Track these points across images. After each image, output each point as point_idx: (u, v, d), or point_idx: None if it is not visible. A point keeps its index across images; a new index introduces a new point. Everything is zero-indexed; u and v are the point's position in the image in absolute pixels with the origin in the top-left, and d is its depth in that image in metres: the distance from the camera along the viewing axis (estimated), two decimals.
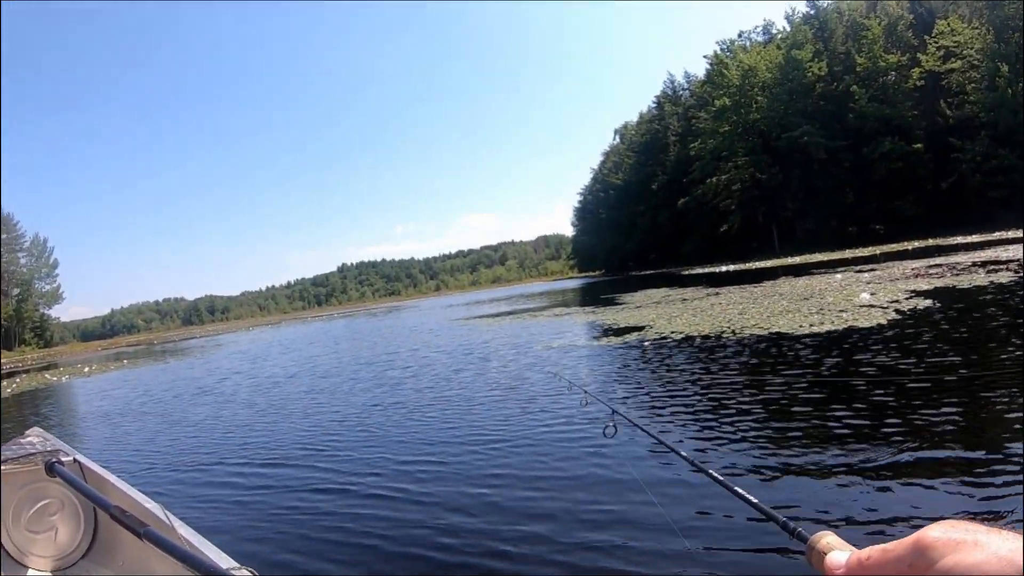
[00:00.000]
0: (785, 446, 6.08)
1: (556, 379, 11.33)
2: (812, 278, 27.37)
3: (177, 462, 9.74)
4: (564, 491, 5.88)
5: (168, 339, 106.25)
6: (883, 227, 70.59)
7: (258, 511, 6.83)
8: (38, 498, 4.13)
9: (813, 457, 5.57)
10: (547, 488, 6.05)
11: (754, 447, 6.22)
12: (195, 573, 2.17)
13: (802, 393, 7.92)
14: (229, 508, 7.09)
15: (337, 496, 7.02)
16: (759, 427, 6.82)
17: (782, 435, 6.42)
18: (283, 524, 6.29)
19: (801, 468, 5.44)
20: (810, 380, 8.42)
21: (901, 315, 12.87)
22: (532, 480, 6.44)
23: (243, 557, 2.91)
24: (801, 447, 5.94)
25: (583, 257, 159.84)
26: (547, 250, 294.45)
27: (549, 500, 5.70)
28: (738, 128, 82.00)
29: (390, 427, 10.15)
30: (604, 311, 25.78)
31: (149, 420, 14.37)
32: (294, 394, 15.76)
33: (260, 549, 5.67)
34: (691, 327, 15.73)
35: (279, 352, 31.04)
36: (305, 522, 6.27)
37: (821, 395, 7.72)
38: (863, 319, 12.75)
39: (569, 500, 5.58)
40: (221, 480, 8.38)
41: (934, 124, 70.57)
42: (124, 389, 23.76)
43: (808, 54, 76.25)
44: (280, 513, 6.66)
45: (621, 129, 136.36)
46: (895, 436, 5.91)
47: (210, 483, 8.27)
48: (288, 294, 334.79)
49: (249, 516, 6.70)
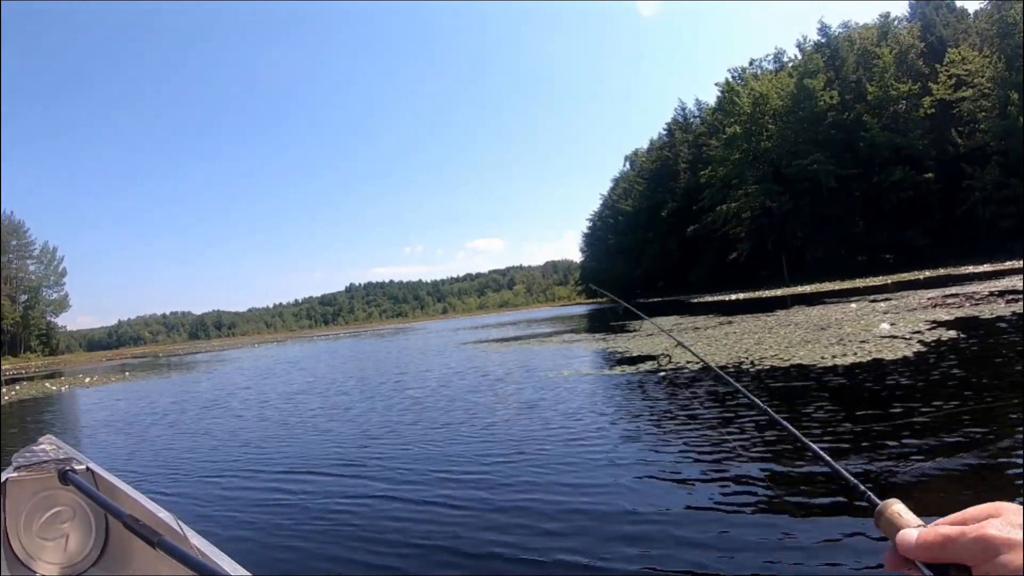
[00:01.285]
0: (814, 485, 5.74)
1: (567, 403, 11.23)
2: (826, 307, 27.00)
3: (183, 474, 9.65)
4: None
5: (173, 352, 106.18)
6: (893, 256, 70.27)
7: (270, 522, 6.76)
8: (50, 505, 4.15)
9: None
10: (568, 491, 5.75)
11: (778, 485, 5.91)
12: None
13: (831, 428, 7.50)
14: (241, 519, 7.01)
15: (350, 508, 6.98)
16: (786, 464, 6.50)
17: (808, 475, 6.08)
18: (295, 535, 6.24)
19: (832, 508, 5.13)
20: (839, 416, 7.99)
21: (926, 346, 12.44)
22: (551, 486, 6.44)
23: (256, 567, 3.03)
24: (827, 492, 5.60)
25: (591, 283, 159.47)
26: (555, 275, 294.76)
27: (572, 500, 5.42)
28: (749, 156, 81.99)
29: (404, 442, 10.16)
30: (615, 338, 25.36)
31: (149, 432, 14.14)
32: (304, 410, 15.72)
33: (273, 560, 5.61)
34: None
35: (285, 370, 30.68)
36: (317, 533, 6.23)
37: (852, 432, 7.30)
38: (887, 351, 12.31)
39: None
40: (231, 492, 8.31)
41: (945, 153, 70.55)
42: (124, 402, 23.51)
43: (820, 83, 76.31)
44: (293, 524, 6.60)
45: (631, 156, 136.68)
46: (940, 479, 5.58)
47: (220, 495, 8.19)
48: (295, 312, 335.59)
49: (261, 527, 6.63)
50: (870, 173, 73.38)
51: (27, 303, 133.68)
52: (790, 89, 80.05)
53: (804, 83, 77.56)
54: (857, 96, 76.97)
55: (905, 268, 59.54)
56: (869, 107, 75.30)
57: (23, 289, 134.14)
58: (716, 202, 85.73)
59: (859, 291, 37.98)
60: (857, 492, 1.29)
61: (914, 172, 70.65)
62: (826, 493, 5.35)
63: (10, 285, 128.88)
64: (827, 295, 38.66)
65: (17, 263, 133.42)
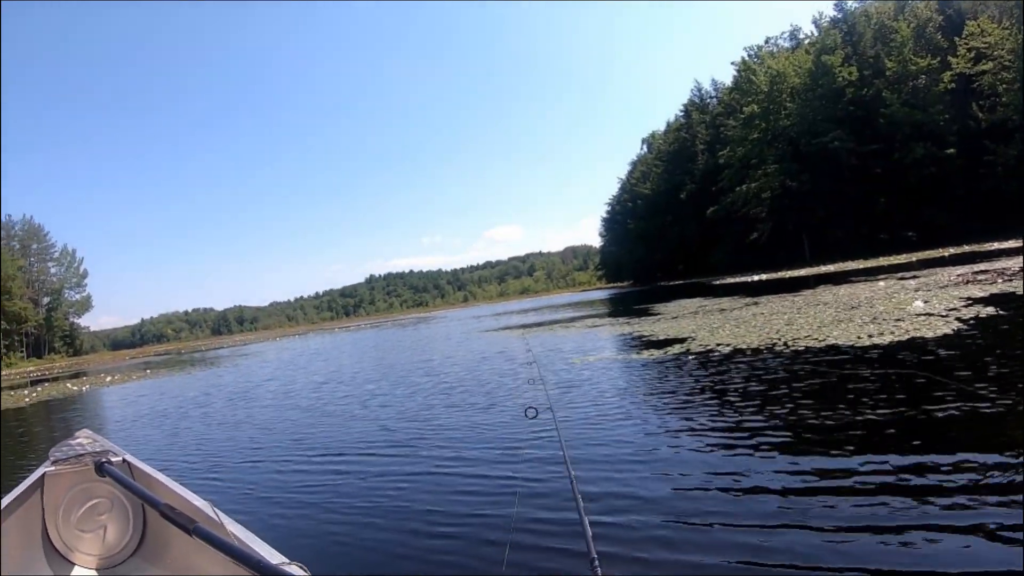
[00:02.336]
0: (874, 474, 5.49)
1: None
2: (853, 286, 26.65)
3: (215, 464, 9.69)
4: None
5: (196, 348, 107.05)
6: (916, 234, 69.44)
7: (306, 509, 6.77)
8: (88, 498, 4.29)
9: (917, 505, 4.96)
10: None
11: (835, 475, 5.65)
12: (245, 568, 2.20)
13: (877, 415, 7.18)
14: (275, 505, 7.03)
15: (384, 491, 7.05)
16: (839, 452, 6.23)
17: (867, 464, 5.81)
18: (331, 521, 6.24)
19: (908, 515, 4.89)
20: (886, 400, 7.70)
21: (965, 324, 12.11)
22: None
23: (292, 553, 2.89)
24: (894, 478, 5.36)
25: (611, 268, 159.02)
26: (575, 261, 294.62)
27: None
28: (767, 135, 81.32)
29: (437, 429, 10.07)
30: (639, 322, 25.12)
31: (177, 426, 14.07)
32: (333, 398, 15.81)
33: (309, 545, 5.60)
34: (737, 339, 15.03)
35: (308, 361, 30.67)
36: (353, 518, 6.23)
37: (900, 417, 7.05)
38: (925, 329, 12.00)
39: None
40: (265, 479, 8.37)
41: (966, 128, 69.60)
42: (147, 398, 23.61)
43: (838, 59, 75.55)
44: (326, 509, 6.62)
45: (648, 138, 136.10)
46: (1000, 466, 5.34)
47: (253, 482, 8.23)
48: (316, 305, 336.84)
49: (297, 513, 6.64)
50: (891, 150, 72.56)
51: (49, 305, 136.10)
52: (807, 66, 79.32)
53: (822, 60, 76.82)
54: (875, 72, 76.15)
55: (928, 246, 58.89)
56: (888, 83, 74.46)
57: (45, 291, 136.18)
58: (735, 183, 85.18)
59: (884, 269, 37.51)
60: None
61: (935, 148, 69.66)
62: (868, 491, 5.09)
63: (32, 288, 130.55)
64: (852, 274, 38.27)
65: (38, 266, 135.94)
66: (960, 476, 4.95)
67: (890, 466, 5.36)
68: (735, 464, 6.18)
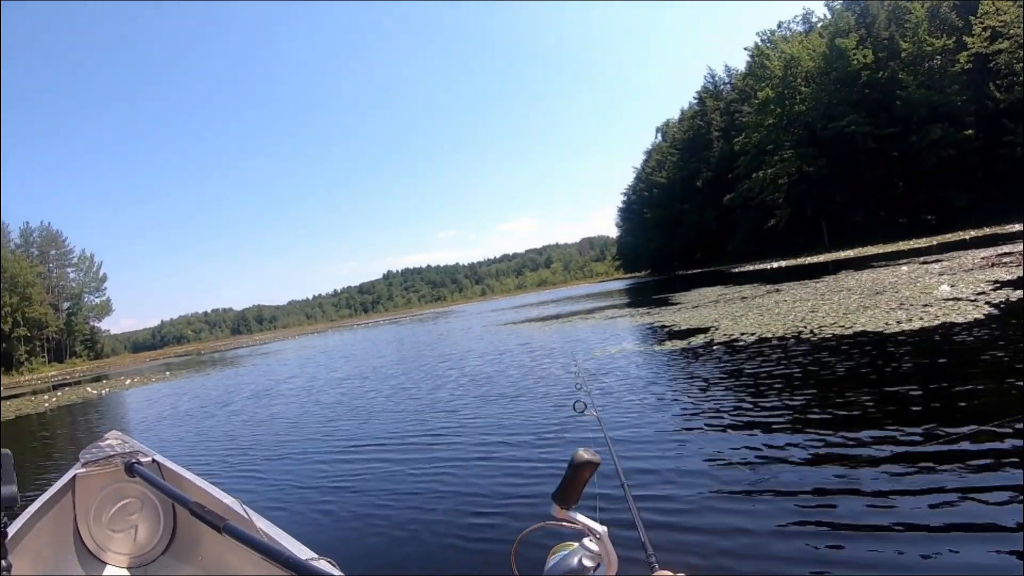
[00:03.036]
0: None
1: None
2: (875, 271, 26.42)
3: (239, 464, 9.82)
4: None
5: (216, 348, 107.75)
6: (935, 217, 68.76)
7: (334, 505, 6.83)
8: (119, 498, 4.35)
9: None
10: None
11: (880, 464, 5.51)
12: (275, 564, 2.19)
13: (910, 402, 7.07)
14: (304, 502, 7.12)
15: (413, 485, 7.16)
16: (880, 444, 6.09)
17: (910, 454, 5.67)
18: (360, 516, 6.33)
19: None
20: (921, 387, 7.55)
21: (995, 308, 11.96)
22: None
23: (321, 549, 2.93)
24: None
25: (628, 258, 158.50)
26: (592, 252, 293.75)
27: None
28: (783, 120, 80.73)
29: (465, 423, 10.15)
30: (659, 312, 25.01)
31: (200, 426, 14.18)
32: (357, 394, 16.03)
33: (338, 540, 5.70)
34: (761, 327, 14.91)
35: (329, 359, 30.65)
36: (381, 513, 6.30)
37: (940, 404, 6.95)
38: (954, 314, 11.84)
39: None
40: (291, 476, 8.47)
41: (984, 108, 68.65)
42: (167, 398, 23.87)
43: (852, 42, 74.81)
44: (356, 504, 6.72)
45: (663, 127, 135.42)
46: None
47: (280, 480, 8.33)
48: (335, 302, 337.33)
49: (325, 508, 6.74)
50: (908, 132, 71.67)
51: (70, 310, 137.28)
52: (821, 50, 78.58)
53: (836, 43, 75.98)
54: (890, 54, 75.23)
55: (948, 229, 58.28)
56: (903, 64, 73.49)
57: (65, 297, 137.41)
58: (751, 169, 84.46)
59: (904, 254, 37.22)
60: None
61: (953, 129, 68.68)
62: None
63: (52, 294, 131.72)
64: (872, 259, 37.99)
65: (57, 272, 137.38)
66: (989, 462, 4.82)
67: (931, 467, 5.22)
68: (773, 450, 6.09)
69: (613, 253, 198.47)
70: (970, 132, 68.04)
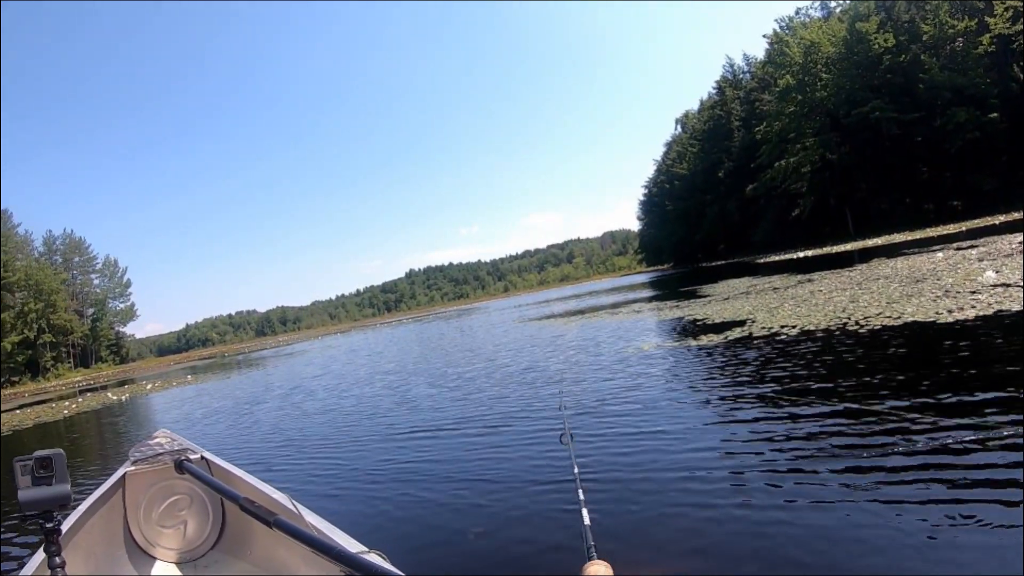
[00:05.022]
0: None
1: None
2: (908, 258, 25.91)
3: (283, 460, 9.83)
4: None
5: (239, 351, 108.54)
6: (961, 202, 67.99)
7: (383, 498, 6.85)
8: (168, 495, 4.47)
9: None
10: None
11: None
12: (326, 558, 2.23)
13: (996, 395, 6.63)
14: (353, 497, 7.14)
15: (463, 475, 7.18)
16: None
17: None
18: (409, 509, 6.34)
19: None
20: (996, 380, 7.16)
21: None
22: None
23: (371, 542, 2.90)
24: None
25: (651, 251, 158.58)
26: (613, 246, 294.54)
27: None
28: (804, 108, 79.96)
29: (512, 417, 10.00)
30: (689, 305, 24.60)
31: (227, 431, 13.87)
32: (399, 388, 16.21)
33: (388, 533, 5.73)
34: (801, 319, 14.48)
35: (359, 356, 30.51)
36: (431, 507, 6.31)
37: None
38: (1009, 301, 11.37)
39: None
40: (340, 472, 8.42)
41: (1008, 90, 67.80)
42: (189, 403, 23.70)
43: (873, 25, 74.02)
44: (406, 499, 6.68)
45: (682, 118, 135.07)
46: None
47: (329, 475, 8.34)
48: (358, 302, 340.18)
49: (374, 503, 6.74)
50: (932, 117, 70.72)
51: (94, 316, 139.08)
52: (842, 35, 77.62)
53: (856, 27, 75.10)
54: (912, 37, 74.28)
55: (975, 214, 57.44)
56: (925, 47, 72.58)
57: (89, 303, 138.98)
58: (774, 158, 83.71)
59: (935, 240, 36.69)
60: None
61: (978, 112, 67.60)
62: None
63: (76, 300, 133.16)
64: (902, 246, 37.53)
65: (81, 278, 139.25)
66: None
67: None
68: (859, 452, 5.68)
69: (635, 247, 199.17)
70: (995, 115, 67.10)
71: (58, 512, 2.74)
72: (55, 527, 2.70)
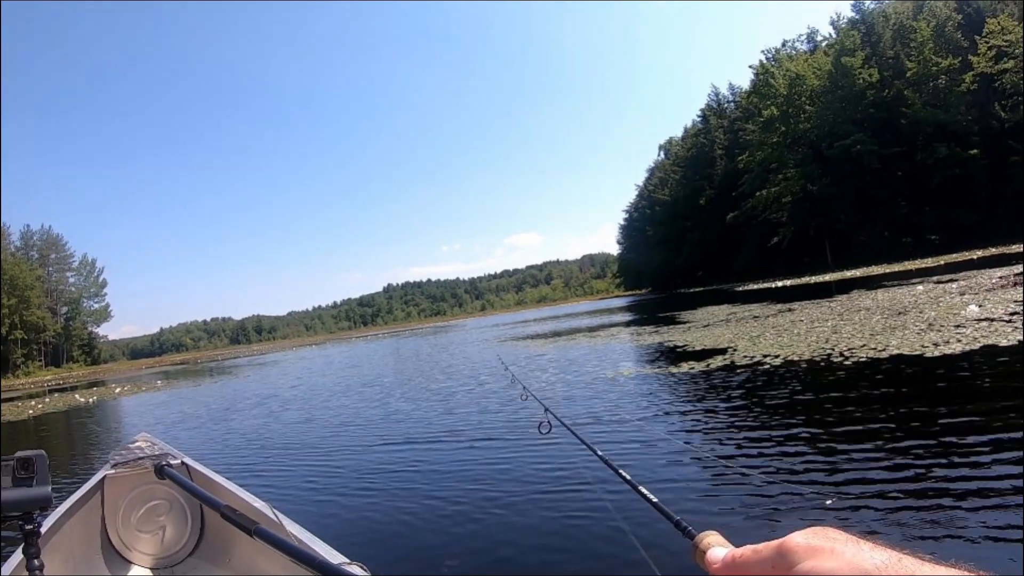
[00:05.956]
0: None
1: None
2: (890, 291, 25.90)
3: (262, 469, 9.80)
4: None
5: (212, 358, 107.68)
6: (939, 237, 68.69)
7: (363, 509, 6.88)
8: (147, 499, 4.40)
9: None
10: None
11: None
12: (306, 568, 2.22)
13: (985, 433, 6.48)
14: (334, 507, 7.14)
15: (442, 491, 7.15)
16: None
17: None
18: (389, 521, 6.35)
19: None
20: (984, 415, 7.03)
21: None
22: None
23: (352, 553, 2.90)
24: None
25: (630, 275, 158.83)
26: (592, 269, 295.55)
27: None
28: (787, 139, 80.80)
29: (494, 426, 10.44)
30: (668, 331, 24.40)
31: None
32: (377, 401, 16.39)
33: (368, 544, 5.73)
34: (784, 349, 14.30)
35: (335, 371, 30.27)
36: (410, 517, 6.33)
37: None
38: (995, 336, 11.27)
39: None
40: (320, 483, 8.44)
41: (989, 128, 68.83)
42: (161, 409, 23.50)
43: (859, 60, 74.88)
44: (386, 510, 6.72)
45: (666, 145, 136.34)
46: None
47: (309, 486, 8.36)
48: (334, 314, 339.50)
49: (355, 514, 6.76)
50: (913, 151, 71.74)
51: (68, 314, 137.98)
52: (827, 68, 78.59)
53: (842, 61, 76.02)
54: (896, 73, 75.33)
55: (953, 249, 58.14)
56: (909, 83, 73.65)
57: (64, 301, 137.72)
58: (755, 187, 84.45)
59: (913, 274, 36.88)
60: (678, 525, 1.45)
61: (959, 149, 68.76)
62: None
63: (51, 298, 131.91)
64: (881, 278, 37.69)
65: (57, 276, 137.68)
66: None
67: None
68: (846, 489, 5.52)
69: (614, 270, 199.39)
70: (975, 151, 68.05)
71: (38, 514, 2.68)
72: (35, 529, 2.66)
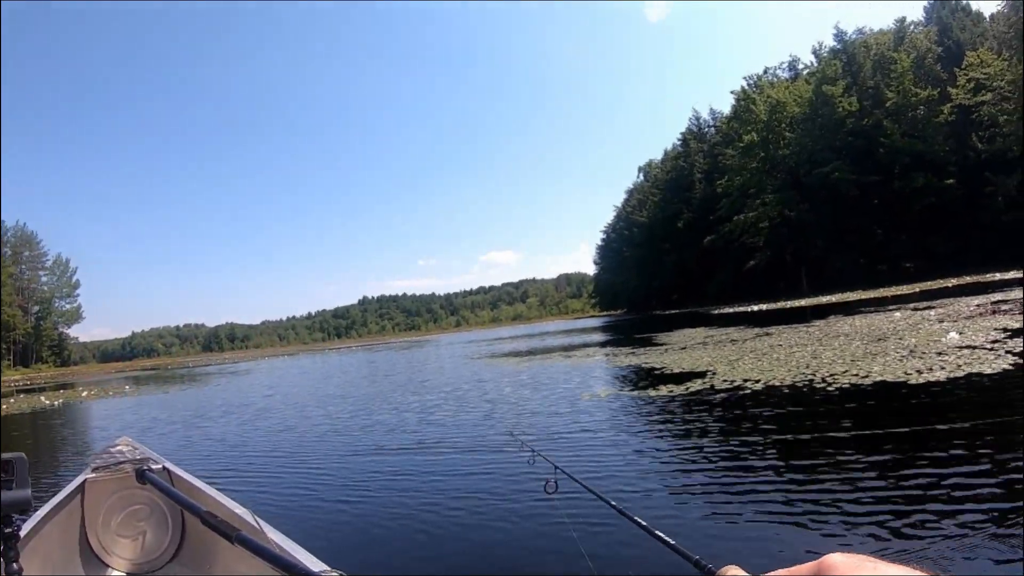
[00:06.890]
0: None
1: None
2: (867, 317, 25.93)
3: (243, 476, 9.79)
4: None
5: (183, 364, 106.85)
6: (914, 264, 69.45)
7: (345, 517, 6.92)
8: (128, 504, 4.36)
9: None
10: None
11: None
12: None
13: (980, 465, 6.27)
14: (315, 515, 7.16)
15: (423, 499, 7.26)
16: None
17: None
18: (370, 529, 6.40)
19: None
20: (979, 447, 6.77)
21: (1020, 357, 11.35)
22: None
23: (333, 561, 2.78)
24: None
25: (606, 295, 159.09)
26: (568, 288, 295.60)
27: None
28: (766, 164, 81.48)
29: (471, 435, 10.78)
30: (645, 352, 24.14)
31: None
32: (355, 411, 16.48)
33: (349, 552, 5.77)
34: (764, 373, 14.02)
35: (307, 384, 29.91)
36: (391, 525, 6.42)
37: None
38: (978, 364, 11.14)
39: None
40: (301, 490, 8.47)
41: (966, 158, 69.93)
42: (129, 414, 23.09)
43: (839, 89, 75.67)
44: (367, 518, 6.74)
45: (645, 167, 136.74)
46: None
47: (289, 494, 8.37)
48: (308, 325, 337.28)
49: (336, 521, 6.80)
50: (890, 180, 72.74)
51: (39, 314, 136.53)
52: (807, 96, 79.52)
53: (823, 89, 77.05)
54: (875, 102, 76.20)
55: (928, 276, 58.80)
56: (888, 113, 74.61)
57: (35, 300, 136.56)
58: (733, 212, 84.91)
59: (888, 300, 37.12)
60: (698, 564, 1.44)
61: (935, 178, 69.80)
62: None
63: (22, 296, 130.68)
64: (857, 304, 37.87)
65: (29, 274, 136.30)
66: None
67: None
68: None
69: (590, 290, 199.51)
70: (951, 181, 68.98)
71: (17, 517, 2.63)
72: (14, 532, 2.59)
